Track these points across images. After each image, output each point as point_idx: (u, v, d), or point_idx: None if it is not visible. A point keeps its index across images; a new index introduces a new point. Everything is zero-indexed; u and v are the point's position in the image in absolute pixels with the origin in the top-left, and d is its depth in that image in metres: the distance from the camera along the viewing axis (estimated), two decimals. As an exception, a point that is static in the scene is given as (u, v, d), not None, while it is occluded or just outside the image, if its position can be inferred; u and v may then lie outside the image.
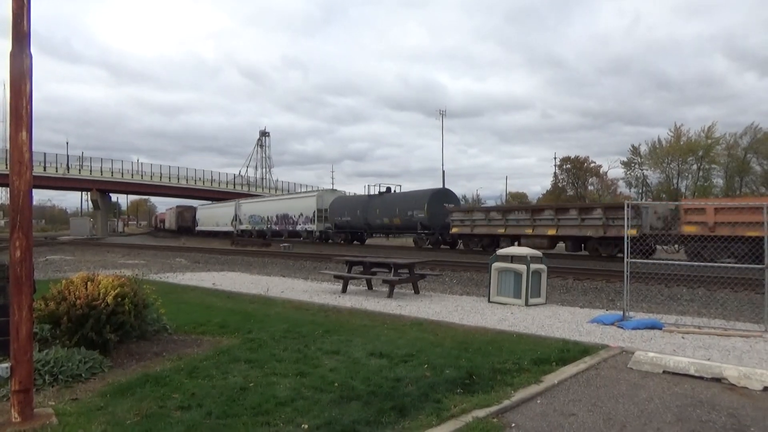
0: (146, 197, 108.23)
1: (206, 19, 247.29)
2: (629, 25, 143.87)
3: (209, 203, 66.53)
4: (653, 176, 60.01)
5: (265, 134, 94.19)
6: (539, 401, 4.34)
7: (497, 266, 9.92)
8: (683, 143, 56.30)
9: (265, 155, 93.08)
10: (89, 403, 4.21)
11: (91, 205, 69.84)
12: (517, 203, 60.40)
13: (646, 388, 4.73)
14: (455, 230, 28.20)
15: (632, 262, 8.10)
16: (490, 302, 9.86)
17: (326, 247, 35.54)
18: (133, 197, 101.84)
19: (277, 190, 77.96)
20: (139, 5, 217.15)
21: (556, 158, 72.88)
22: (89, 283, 5.70)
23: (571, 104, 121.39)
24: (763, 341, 6.65)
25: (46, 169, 57.52)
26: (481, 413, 3.94)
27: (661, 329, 7.30)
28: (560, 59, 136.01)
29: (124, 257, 25.61)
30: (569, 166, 70.86)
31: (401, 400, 4.21)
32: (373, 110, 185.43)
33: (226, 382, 4.72)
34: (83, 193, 74.31)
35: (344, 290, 11.42)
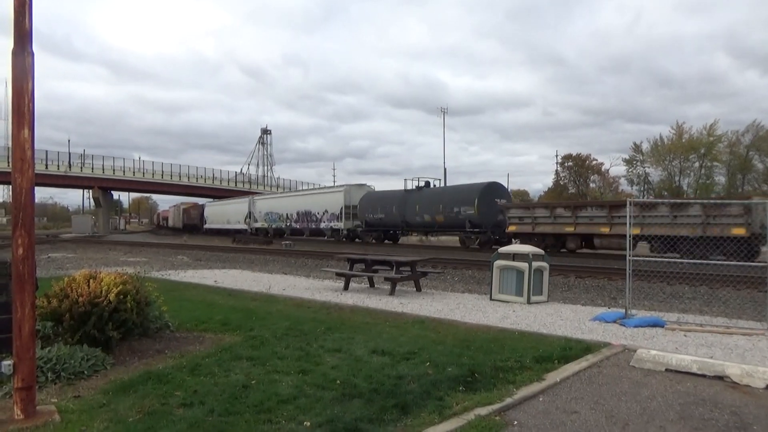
0: (148, 195, 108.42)
1: (206, 16, 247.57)
2: (630, 22, 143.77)
3: (218, 200, 64.48)
4: (655, 174, 59.90)
5: (266, 132, 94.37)
6: (542, 399, 4.34)
7: (499, 264, 9.92)
8: (685, 141, 56.15)
9: (266, 153, 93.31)
10: (92, 400, 4.23)
11: (92, 202, 69.93)
12: (590, 199, 55.24)
13: (648, 386, 4.72)
14: (513, 229, 25.03)
15: (634, 260, 8.10)
16: (492, 300, 9.86)
17: (350, 246, 32.42)
18: (134, 195, 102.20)
19: (278, 187, 77.96)
20: (139, 3, 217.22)
21: (557, 156, 72.75)
22: (91, 280, 5.72)
23: (572, 102, 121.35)
24: (765, 339, 6.64)
25: (47, 166, 57.63)
26: (483, 411, 3.94)
27: (663, 327, 7.29)
28: (561, 57, 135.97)
29: (126, 255, 25.65)
30: (571, 163, 70.75)
31: (403, 397, 4.21)
32: (374, 108, 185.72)
33: (228, 379, 4.72)
34: (85, 190, 74.49)
35: (346, 288, 11.43)
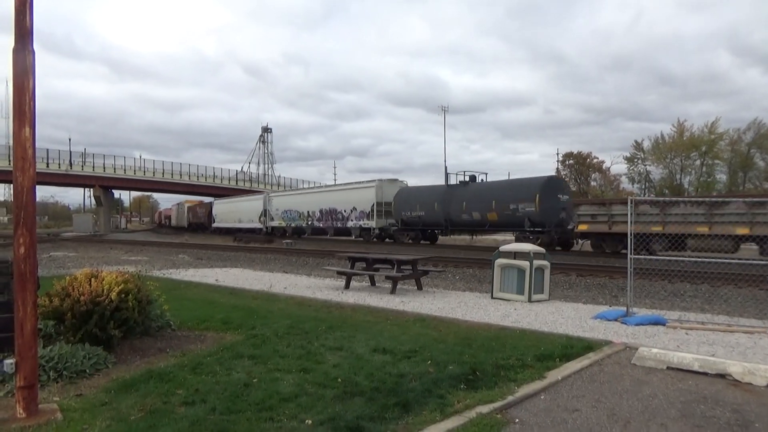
0: (149, 194, 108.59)
1: (207, 14, 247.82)
2: (632, 20, 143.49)
3: (227, 198, 62.26)
4: (656, 172, 59.87)
5: (267, 130, 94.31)
6: (543, 397, 4.34)
7: (500, 262, 9.92)
8: (686, 139, 56.10)
9: (267, 151, 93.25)
10: (94, 398, 4.23)
11: (93, 201, 69.97)
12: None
13: (649, 384, 4.72)
14: (584, 228, 22.33)
15: (635, 258, 8.09)
16: (493, 298, 9.86)
17: (382, 247, 29.33)
18: (135, 194, 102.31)
19: (279, 186, 77.97)
20: (139, 1, 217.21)
21: (558, 154, 72.76)
22: (93, 279, 5.72)
23: (573, 100, 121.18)
24: (767, 337, 6.64)
25: (48, 165, 57.67)
26: (484, 409, 3.94)
27: (664, 325, 7.29)
28: (562, 55, 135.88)
29: (127, 254, 25.66)
30: (572, 161, 70.78)
31: (405, 395, 4.21)
32: (375, 106, 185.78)
33: (229, 378, 4.73)
34: (86, 189, 74.49)
35: (347, 286, 11.43)
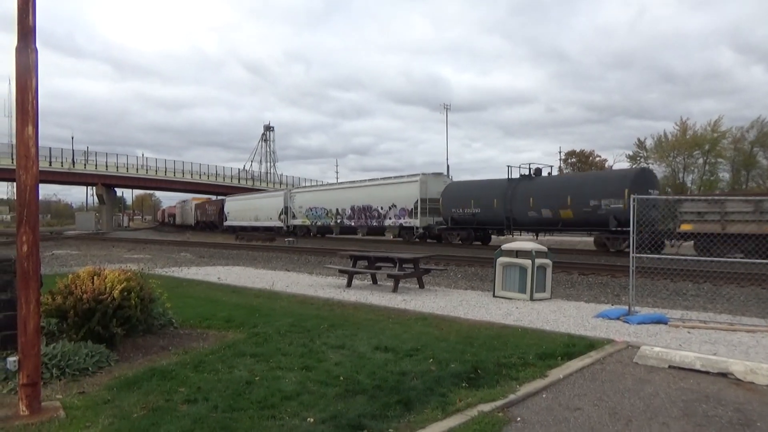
0: (151, 192, 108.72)
1: (209, 12, 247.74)
2: (634, 17, 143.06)
3: (241, 194, 60.14)
4: (659, 170, 59.40)
5: (269, 129, 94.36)
6: (545, 395, 4.34)
7: (502, 261, 9.92)
8: (689, 137, 55.93)
9: (269, 150, 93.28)
10: (96, 396, 4.24)
11: (96, 199, 70.09)
12: None
13: (651, 382, 4.72)
14: (688, 228, 18.85)
15: (638, 257, 8.08)
16: (494, 297, 9.85)
17: (427, 248, 26.33)
18: (138, 192, 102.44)
19: (281, 184, 78.00)
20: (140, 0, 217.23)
21: (561, 152, 72.53)
22: (96, 277, 5.74)
23: (575, 98, 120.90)
24: (769, 336, 6.62)
25: (51, 163, 57.77)
26: (486, 407, 3.94)
27: (666, 324, 7.28)
28: (565, 52, 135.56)
29: (129, 252, 25.71)
30: (574, 159, 70.63)
31: (406, 394, 4.22)
32: (376, 104, 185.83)
33: (231, 376, 4.74)
34: (88, 187, 74.71)
35: (349, 285, 11.43)
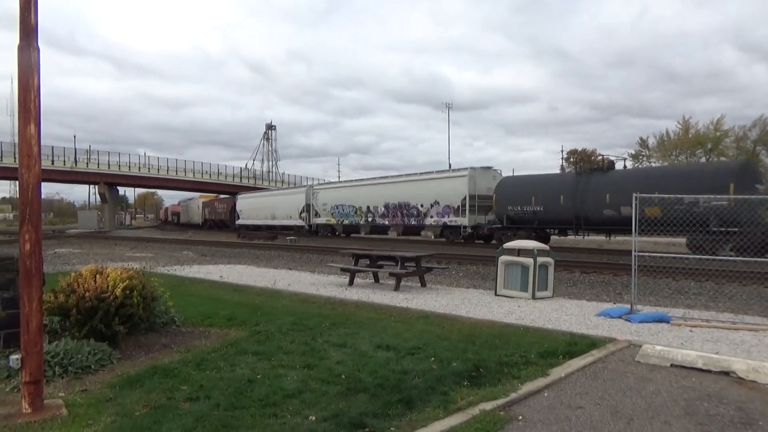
0: (153, 190, 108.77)
1: (210, 11, 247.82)
2: (636, 16, 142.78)
3: (255, 191, 59.00)
4: (660, 169, 59.56)
5: (271, 127, 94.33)
6: (546, 394, 4.34)
7: (504, 259, 9.91)
8: (691, 136, 55.76)
9: (271, 148, 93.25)
10: (99, 394, 4.25)
11: (98, 198, 70.15)
12: None
13: (653, 381, 4.71)
14: None
15: (640, 255, 8.06)
16: (496, 295, 9.85)
17: (477, 249, 23.98)
18: (140, 190, 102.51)
19: (283, 183, 78.00)
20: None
21: (563, 151, 72.47)
22: (98, 275, 5.75)
23: (577, 97, 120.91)
24: (771, 335, 6.61)
25: (54, 162, 57.83)
26: (488, 406, 3.95)
27: (668, 323, 7.27)
28: (567, 51, 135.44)
29: (131, 250, 25.75)
30: (576, 158, 70.48)
31: (408, 392, 4.22)
32: (378, 103, 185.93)
33: (233, 374, 4.74)
34: (91, 186, 74.76)
35: (351, 283, 11.44)
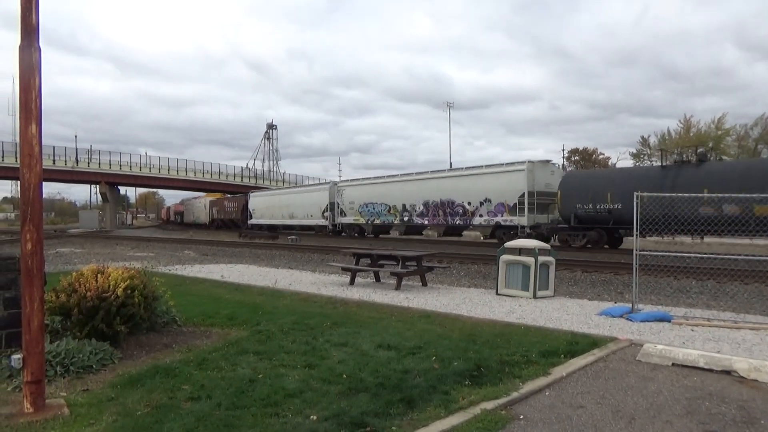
0: (154, 190, 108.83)
1: (211, 10, 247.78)
2: (637, 15, 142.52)
3: (270, 189, 57.45)
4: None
5: (272, 127, 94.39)
6: (548, 393, 4.33)
7: (505, 259, 9.90)
8: (693, 134, 55.67)
9: (272, 148, 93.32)
10: (100, 394, 4.26)
11: (99, 197, 70.21)
12: None
13: (655, 380, 4.71)
14: None
15: (641, 254, 8.05)
16: (497, 295, 9.84)
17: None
18: (141, 190, 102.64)
19: (285, 182, 78.00)
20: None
21: (564, 150, 72.26)
22: (99, 275, 5.75)
23: (579, 95, 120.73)
24: (773, 334, 6.60)
25: (55, 162, 57.86)
26: (489, 405, 3.94)
27: (670, 322, 7.26)
28: (568, 50, 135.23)
29: (133, 250, 25.77)
30: (578, 157, 70.42)
31: (409, 392, 4.22)
32: (379, 102, 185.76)
33: (235, 373, 4.75)
34: (92, 186, 74.81)
35: (352, 282, 11.44)
